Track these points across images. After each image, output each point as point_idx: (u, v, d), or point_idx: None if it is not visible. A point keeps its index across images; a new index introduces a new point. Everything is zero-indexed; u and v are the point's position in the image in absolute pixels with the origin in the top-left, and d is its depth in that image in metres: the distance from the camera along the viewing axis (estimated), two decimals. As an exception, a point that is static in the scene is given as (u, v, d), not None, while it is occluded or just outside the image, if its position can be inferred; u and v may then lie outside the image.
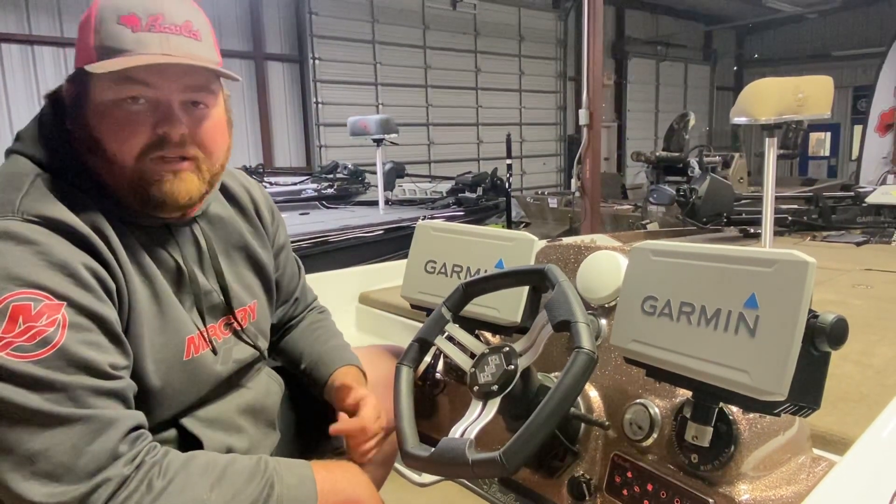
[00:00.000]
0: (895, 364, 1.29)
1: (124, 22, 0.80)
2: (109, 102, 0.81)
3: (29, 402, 0.68)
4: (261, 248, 1.06)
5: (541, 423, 0.75)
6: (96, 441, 0.71)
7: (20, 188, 0.77)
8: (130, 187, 0.83)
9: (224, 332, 0.98)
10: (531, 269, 0.94)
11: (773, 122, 2.28)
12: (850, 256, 2.55)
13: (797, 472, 0.84)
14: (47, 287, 0.71)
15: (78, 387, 0.71)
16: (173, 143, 0.83)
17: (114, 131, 0.81)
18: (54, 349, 0.70)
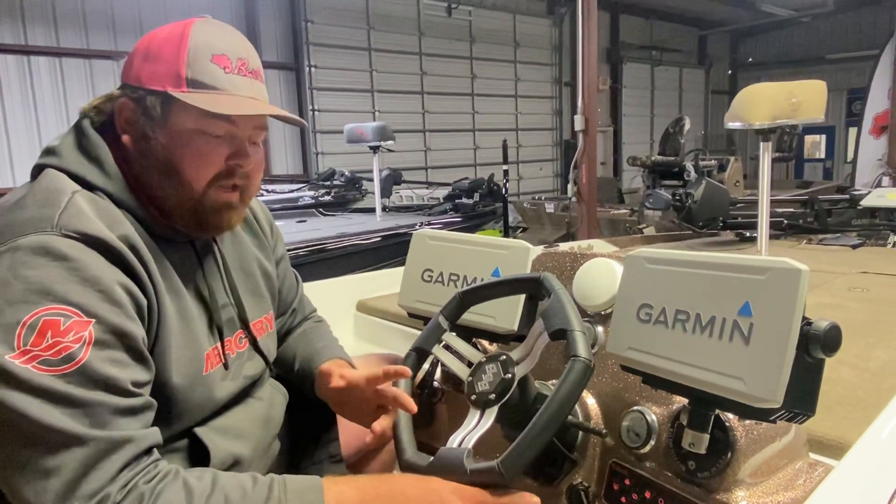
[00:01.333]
0: (892, 367, 1.29)
1: (216, 62, 0.86)
2: (192, 131, 0.86)
3: (48, 417, 0.70)
4: (266, 260, 1.10)
5: (538, 432, 0.76)
6: (104, 461, 0.72)
7: (59, 204, 0.78)
8: (191, 210, 0.89)
9: (239, 345, 1.01)
10: (527, 278, 0.95)
11: (768, 126, 2.30)
12: (846, 259, 2.55)
13: (794, 477, 0.84)
14: (78, 304, 0.73)
15: (97, 404, 0.72)
16: (239, 175, 0.90)
17: (192, 159, 0.86)
18: (77, 365, 0.71)
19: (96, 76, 7.96)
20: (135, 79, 0.87)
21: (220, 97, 0.85)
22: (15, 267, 0.72)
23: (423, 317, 1.19)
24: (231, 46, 0.88)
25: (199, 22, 0.89)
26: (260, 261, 1.08)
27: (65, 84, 7.82)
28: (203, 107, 0.83)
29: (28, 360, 0.69)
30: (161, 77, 0.85)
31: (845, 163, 13.54)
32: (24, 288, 0.71)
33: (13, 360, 0.69)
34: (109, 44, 8.03)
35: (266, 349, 1.05)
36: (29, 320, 0.70)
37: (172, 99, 0.84)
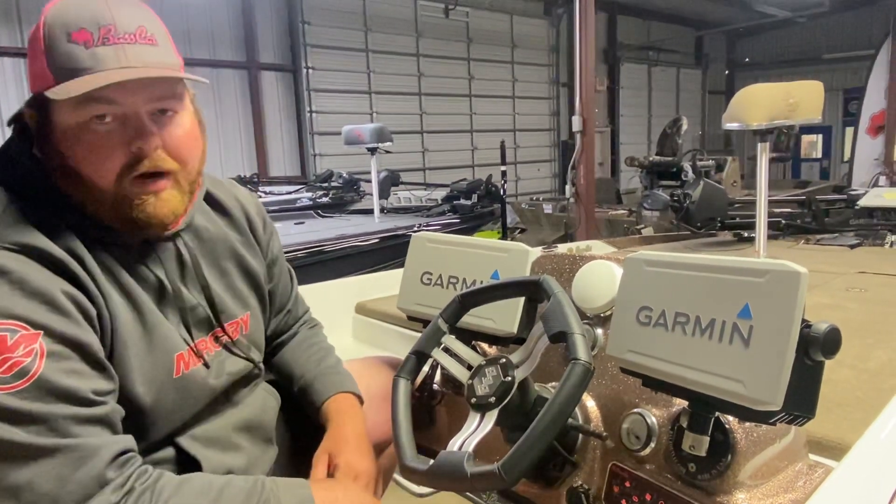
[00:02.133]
0: (890, 367, 1.29)
1: (76, 39, 0.76)
2: (76, 126, 0.78)
3: (9, 435, 0.67)
4: (252, 258, 1.05)
5: (539, 436, 0.76)
6: (81, 469, 0.70)
7: None
8: (112, 210, 0.81)
9: (214, 345, 0.97)
10: (526, 281, 0.95)
11: (765, 127, 2.30)
12: (844, 259, 2.56)
13: (794, 479, 0.84)
14: (23, 317, 0.70)
15: (59, 416, 0.70)
16: (149, 157, 0.80)
17: (87, 156, 0.78)
18: (32, 380, 0.68)
19: None
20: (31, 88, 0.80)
21: (85, 81, 0.74)
22: None
23: (423, 319, 1.19)
24: (92, 15, 0.76)
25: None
26: (240, 258, 1.02)
27: None
28: (55, 96, 0.74)
29: None
30: (35, 77, 0.77)
31: (842, 162, 13.57)
32: None
33: None
34: None
35: (245, 349, 1.01)
36: None
37: (47, 99, 0.76)
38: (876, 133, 8.32)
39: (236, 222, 1.04)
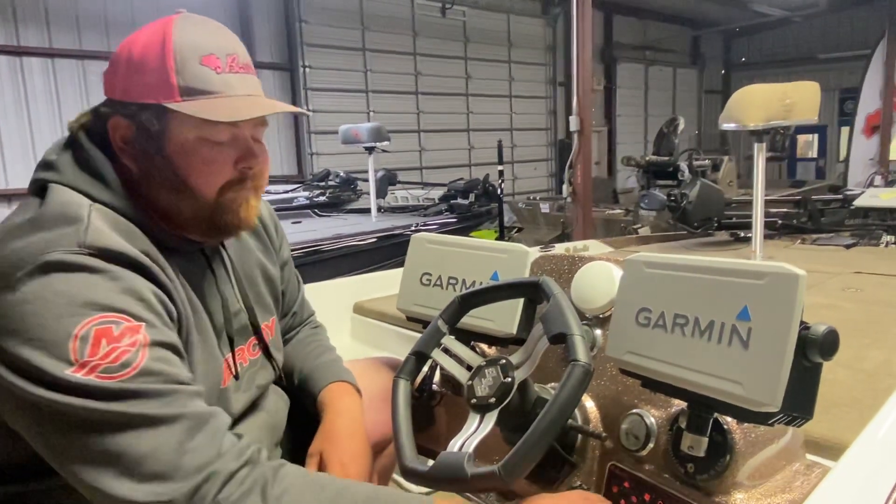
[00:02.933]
0: (886, 368, 1.30)
1: (206, 63, 0.82)
2: (194, 140, 0.83)
3: (130, 409, 0.69)
4: (270, 264, 1.08)
5: (539, 437, 0.76)
6: (198, 436, 0.72)
7: (79, 221, 0.76)
8: (208, 219, 0.86)
9: (252, 352, 1.00)
10: (526, 282, 0.95)
11: (762, 128, 2.32)
12: (840, 259, 2.58)
13: (792, 479, 0.85)
14: (125, 310, 0.73)
15: (169, 392, 0.72)
16: (251, 177, 0.88)
17: (200, 169, 0.84)
18: (138, 368, 0.71)
19: (89, 76, 7.94)
20: (122, 92, 0.83)
21: (216, 101, 0.82)
22: (51, 284, 0.71)
23: (422, 320, 1.19)
24: (218, 43, 0.84)
25: (178, 20, 0.84)
26: (263, 265, 1.06)
27: (57, 85, 7.78)
28: (203, 116, 0.80)
29: (89, 372, 0.69)
30: (152, 89, 0.81)
31: (838, 162, 13.61)
32: (66, 302, 0.70)
33: (74, 374, 0.68)
34: (102, 44, 8.00)
35: (276, 356, 1.05)
36: (80, 332, 0.69)
37: (168, 111, 0.81)
38: (871, 133, 8.35)
39: (256, 230, 1.07)
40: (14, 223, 0.77)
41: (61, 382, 0.68)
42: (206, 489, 0.70)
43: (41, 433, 0.71)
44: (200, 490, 0.70)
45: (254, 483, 0.72)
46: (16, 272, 0.71)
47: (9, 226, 0.77)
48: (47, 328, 0.69)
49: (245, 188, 0.88)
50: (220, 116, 0.81)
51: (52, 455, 0.72)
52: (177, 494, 0.69)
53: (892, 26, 8.25)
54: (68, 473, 0.71)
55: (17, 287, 0.70)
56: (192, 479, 0.70)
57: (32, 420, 0.71)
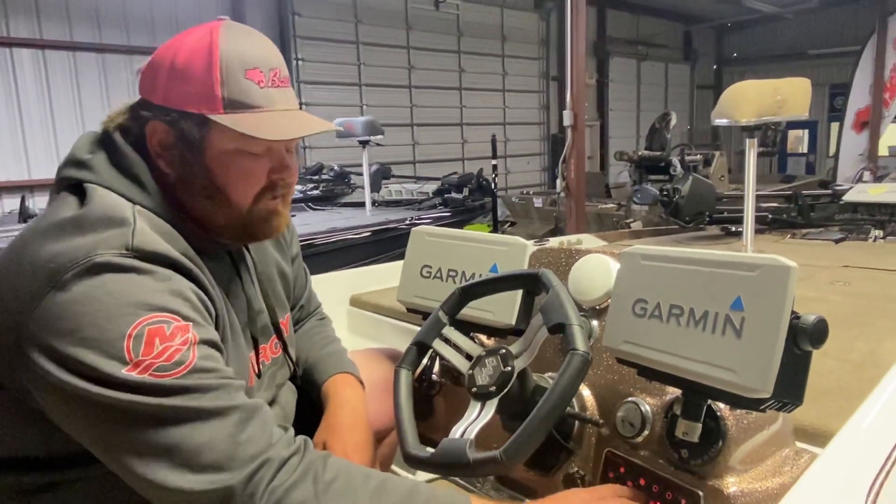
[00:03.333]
0: (873, 358, 1.34)
1: (250, 77, 0.84)
2: (232, 151, 0.85)
3: (184, 403, 0.72)
4: (285, 261, 1.11)
5: (539, 423, 0.79)
6: (250, 426, 0.75)
7: (126, 224, 0.78)
8: (240, 226, 0.90)
9: (274, 351, 1.03)
10: (525, 274, 0.97)
11: (754, 123, 2.34)
12: (829, 253, 2.61)
13: (782, 464, 0.88)
14: (175, 310, 0.75)
15: (220, 386, 0.75)
16: (284, 186, 0.91)
17: (237, 179, 0.86)
18: (190, 366, 0.73)
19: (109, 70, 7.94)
20: (162, 98, 0.84)
21: (258, 116, 0.83)
22: (103, 284, 0.73)
23: (422, 312, 1.21)
24: (263, 57, 0.86)
25: (224, 28, 0.85)
26: (279, 263, 1.09)
27: (78, 78, 7.77)
28: (248, 132, 0.82)
29: (143, 371, 0.71)
30: (194, 98, 0.82)
31: (827, 157, 13.73)
32: (118, 302, 0.72)
33: (129, 374, 0.70)
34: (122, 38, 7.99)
35: (291, 351, 1.08)
36: (133, 332, 0.71)
37: (210, 122, 0.83)
38: (861, 128, 8.43)
39: None
40: (52, 222, 0.78)
41: (117, 381, 0.70)
42: (261, 476, 0.72)
43: (95, 429, 0.73)
44: (255, 477, 0.72)
45: (305, 470, 0.75)
46: (64, 273, 0.72)
47: (46, 225, 0.78)
48: (101, 328, 0.70)
49: (276, 197, 0.91)
50: (263, 134, 0.83)
51: (105, 450, 0.74)
52: (233, 482, 0.71)
53: (882, 22, 8.32)
54: (121, 468, 0.73)
55: (67, 287, 0.71)
56: (248, 466, 0.72)
57: (85, 416, 0.72)
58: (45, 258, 0.74)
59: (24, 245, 0.77)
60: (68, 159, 0.86)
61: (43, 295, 0.71)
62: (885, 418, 0.96)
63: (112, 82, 7.98)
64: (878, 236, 2.89)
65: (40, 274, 0.73)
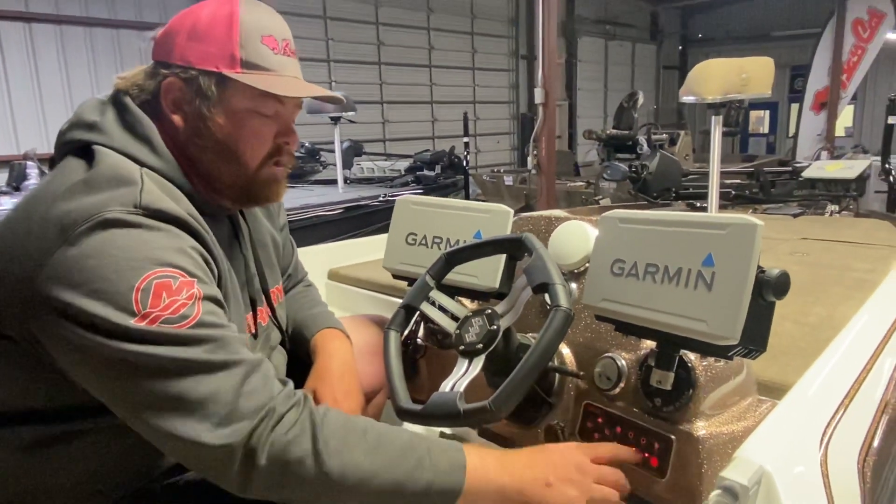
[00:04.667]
0: (828, 322, 1.43)
1: (266, 42, 0.89)
2: (245, 111, 0.89)
3: (190, 355, 0.75)
4: (275, 229, 1.14)
5: (525, 373, 0.84)
6: (253, 379, 0.78)
7: (134, 184, 0.80)
8: (244, 187, 0.93)
9: (267, 314, 1.06)
10: (510, 238, 1.02)
11: (719, 100, 2.43)
12: (788, 227, 2.73)
13: (746, 411, 0.95)
14: (181, 266, 0.77)
15: (224, 340, 0.78)
16: (288, 152, 0.95)
17: (248, 138, 0.90)
18: (196, 320, 0.76)
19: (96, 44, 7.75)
20: (181, 59, 0.87)
21: (272, 78, 0.89)
22: (112, 239, 0.75)
23: (408, 278, 1.25)
24: (277, 27, 0.91)
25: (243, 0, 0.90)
26: (271, 231, 1.12)
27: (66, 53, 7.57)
28: (265, 88, 0.86)
29: (151, 322, 0.73)
30: (214, 58, 0.87)
31: (787, 137, 14.10)
32: (127, 256, 0.74)
33: (138, 324, 0.73)
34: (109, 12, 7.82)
35: (281, 319, 1.11)
36: (141, 285, 0.73)
37: (227, 80, 0.87)
38: (819, 109, 8.69)
39: None
40: (64, 185, 0.80)
41: (125, 332, 0.72)
42: (262, 428, 0.76)
43: (103, 379, 0.76)
44: (256, 430, 0.75)
45: (304, 426, 0.78)
46: (74, 228, 0.74)
47: (58, 187, 0.80)
48: (110, 281, 0.73)
49: (280, 164, 0.95)
50: (279, 90, 0.88)
51: (115, 400, 0.77)
52: (235, 437, 0.74)
53: (842, 5, 8.53)
54: (131, 417, 0.76)
55: (77, 242, 0.74)
56: (250, 419, 0.75)
57: (94, 367, 0.75)
58: (56, 216, 0.76)
59: (35, 205, 0.78)
60: (75, 122, 0.88)
61: (54, 250, 0.74)
62: (838, 372, 1.05)
63: (100, 56, 7.81)
64: (833, 211, 3.03)
65: (51, 230, 0.75)
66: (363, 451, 0.79)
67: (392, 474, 0.79)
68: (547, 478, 0.85)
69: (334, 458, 0.77)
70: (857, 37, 8.58)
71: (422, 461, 0.81)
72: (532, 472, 0.85)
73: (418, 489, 0.80)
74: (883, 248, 2.14)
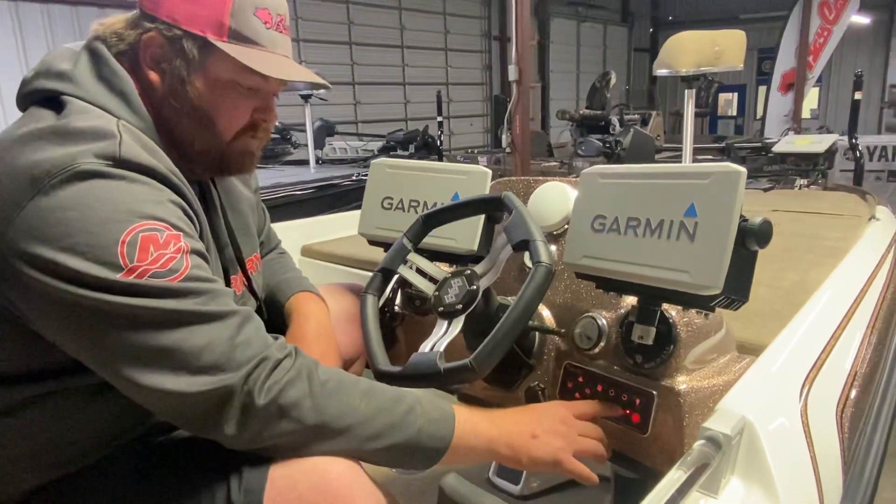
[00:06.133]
0: (801, 286, 1.45)
1: (259, 15, 0.86)
2: (226, 81, 0.85)
3: (183, 306, 0.72)
4: (251, 195, 1.11)
5: (507, 330, 0.82)
6: (246, 329, 0.76)
7: (112, 137, 0.75)
8: (216, 156, 0.90)
9: (244, 283, 1.03)
10: (490, 198, 1.00)
11: (693, 73, 2.44)
12: (759, 200, 2.77)
13: (725, 366, 0.95)
14: (166, 219, 0.74)
15: (214, 293, 0.75)
16: (265, 128, 0.92)
17: (226, 109, 0.87)
18: (185, 273, 0.73)
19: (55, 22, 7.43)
20: (167, 15, 0.83)
21: (260, 53, 0.85)
22: (92, 190, 0.70)
23: (384, 243, 1.22)
24: (274, 1, 0.88)
25: None
26: (248, 198, 1.09)
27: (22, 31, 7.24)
28: (249, 65, 0.82)
29: (139, 276, 0.70)
30: (202, 21, 0.82)
31: (755, 119, 14.31)
32: (110, 208, 0.70)
33: (125, 279, 0.69)
34: None
35: (258, 288, 1.07)
36: (127, 238, 0.70)
37: (212, 47, 0.83)
38: (787, 90, 8.82)
39: None
40: (29, 132, 0.74)
41: (111, 286, 0.69)
42: (258, 373, 0.74)
43: (86, 337, 0.72)
44: (253, 374, 0.73)
45: (299, 370, 0.77)
46: (49, 178, 0.69)
47: (23, 134, 0.74)
48: (93, 234, 0.69)
49: (256, 138, 0.92)
50: (264, 69, 0.84)
51: (96, 357, 0.73)
52: (233, 381, 0.72)
53: (808, -13, 8.65)
54: (115, 375, 0.72)
55: (53, 193, 0.69)
56: (246, 366, 0.73)
57: (77, 324, 0.71)
58: (25, 165, 0.71)
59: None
60: (42, 70, 0.82)
61: (25, 202, 0.69)
62: (813, 331, 1.06)
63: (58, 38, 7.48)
64: (803, 184, 3.09)
65: (21, 181, 0.70)
66: (358, 395, 0.79)
67: (385, 419, 0.79)
68: (533, 430, 0.86)
69: (332, 398, 0.77)
70: (823, 18, 8.72)
71: (413, 408, 0.81)
72: (518, 426, 0.86)
73: (410, 435, 0.79)
74: (852, 219, 2.19)
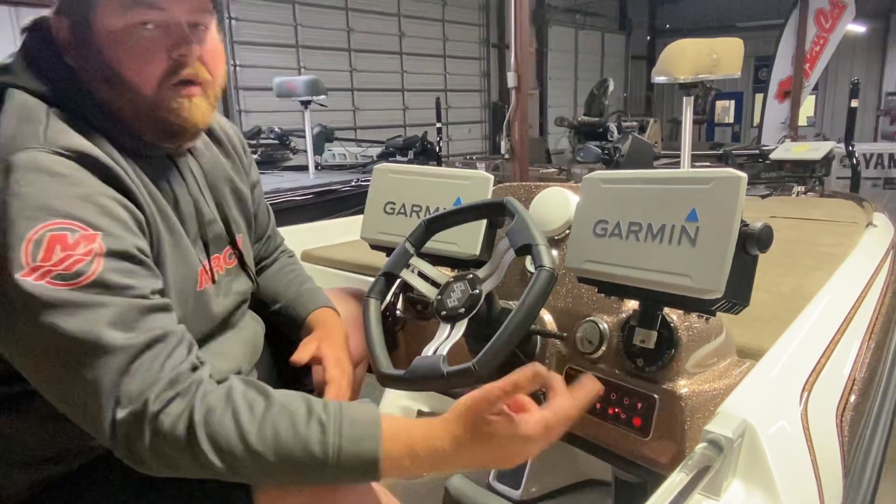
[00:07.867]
0: (799, 291, 1.46)
1: None
2: (121, 31, 0.79)
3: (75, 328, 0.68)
4: (241, 182, 1.08)
5: (510, 333, 0.83)
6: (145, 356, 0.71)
7: (39, 120, 0.75)
8: (149, 116, 0.83)
9: (228, 262, 1.01)
10: (492, 202, 1.01)
11: (691, 80, 2.46)
12: (757, 207, 2.79)
13: (726, 370, 0.96)
14: (81, 217, 0.71)
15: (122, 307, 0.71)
16: (189, 65, 0.83)
17: (131, 60, 0.80)
18: (93, 277, 0.70)
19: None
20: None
21: None
22: (8, 186, 0.70)
23: (387, 248, 1.23)
24: None
25: None
26: (232, 181, 1.06)
27: None
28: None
29: (40, 277, 0.67)
30: None
31: (752, 127, 14.38)
32: (22, 205, 0.69)
33: (25, 279, 0.67)
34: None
35: (249, 264, 1.06)
36: (34, 236, 0.68)
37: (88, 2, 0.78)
38: (783, 98, 8.87)
39: (225, 147, 1.07)
40: None
41: (11, 285, 0.67)
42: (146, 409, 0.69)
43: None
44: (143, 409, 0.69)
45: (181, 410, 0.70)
46: None
47: None
48: (3, 231, 0.68)
49: (188, 85, 0.84)
50: None
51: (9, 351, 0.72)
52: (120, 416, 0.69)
53: (804, -5, 8.71)
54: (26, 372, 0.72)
55: None
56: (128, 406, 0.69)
57: None
58: None
59: None
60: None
61: None
62: (813, 335, 1.07)
63: None
64: (800, 191, 3.10)
65: None
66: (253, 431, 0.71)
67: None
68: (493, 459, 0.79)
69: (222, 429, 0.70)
70: (820, 27, 8.77)
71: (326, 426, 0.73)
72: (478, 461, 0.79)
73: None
74: (849, 225, 2.20)
